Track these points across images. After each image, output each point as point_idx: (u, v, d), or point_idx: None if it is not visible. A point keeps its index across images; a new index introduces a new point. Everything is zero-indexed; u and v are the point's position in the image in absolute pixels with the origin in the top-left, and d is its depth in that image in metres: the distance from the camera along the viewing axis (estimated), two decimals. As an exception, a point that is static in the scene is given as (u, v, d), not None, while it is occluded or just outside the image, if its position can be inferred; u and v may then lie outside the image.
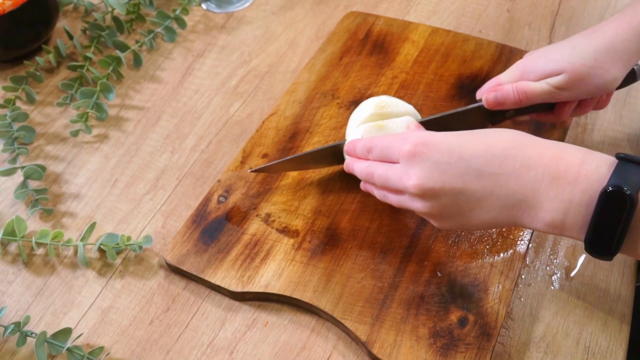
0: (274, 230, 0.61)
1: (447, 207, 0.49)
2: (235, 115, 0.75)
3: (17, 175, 0.70)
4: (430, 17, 0.84)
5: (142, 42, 0.82)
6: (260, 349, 0.56)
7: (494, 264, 0.57)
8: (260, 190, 0.64)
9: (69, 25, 0.87)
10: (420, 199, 0.50)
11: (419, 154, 0.49)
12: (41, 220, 0.67)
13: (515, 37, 0.80)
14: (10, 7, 0.75)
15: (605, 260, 0.46)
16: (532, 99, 0.59)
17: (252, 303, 0.59)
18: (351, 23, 0.81)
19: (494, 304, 0.55)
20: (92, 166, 0.71)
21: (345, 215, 0.62)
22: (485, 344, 0.53)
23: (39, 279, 0.62)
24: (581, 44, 0.57)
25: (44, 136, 0.75)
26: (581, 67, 0.56)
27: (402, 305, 0.55)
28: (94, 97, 0.75)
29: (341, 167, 0.65)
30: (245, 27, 0.85)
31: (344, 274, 0.58)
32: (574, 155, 0.45)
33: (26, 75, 0.79)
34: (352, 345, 0.56)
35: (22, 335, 0.56)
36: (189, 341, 0.57)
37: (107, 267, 0.62)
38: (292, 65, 0.79)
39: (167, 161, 0.71)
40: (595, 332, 0.55)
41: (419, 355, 0.52)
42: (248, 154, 0.68)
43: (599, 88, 0.57)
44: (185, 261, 0.60)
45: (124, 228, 0.65)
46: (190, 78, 0.80)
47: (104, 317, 0.59)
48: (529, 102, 0.59)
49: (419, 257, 0.58)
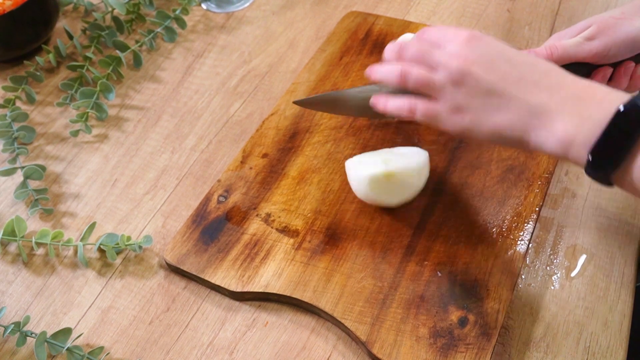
0: (274, 230, 0.61)
1: (476, 98, 0.51)
2: (235, 115, 0.75)
3: (17, 175, 0.70)
4: (430, 17, 0.84)
5: (142, 42, 0.82)
6: (260, 349, 0.56)
7: (494, 264, 0.57)
8: (260, 190, 0.64)
9: (69, 25, 0.87)
10: (455, 82, 0.52)
11: (476, 41, 0.52)
12: (41, 220, 0.67)
13: (515, 37, 0.80)
14: (10, 7, 0.75)
15: (602, 184, 0.47)
16: (562, 55, 0.60)
17: (252, 303, 0.59)
18: (351, 23, 0.81)
19: (494, 304, 0.55)
20: (92, 166, 0.71)
21: (345, 215, 0.62)
22: (486, 344, 0.53)
23: (39, 279, 0.62)
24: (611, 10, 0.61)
25: (44, 136, 0.75)
26: (609, 18, 0.59)
27: (402, 305, 0.55)
28: (94, 97, 0.75)
29: (342, 166, 0.65)
30: (245, 27, 0.85)
31: (344, 273, 0.58)
32: (604, 88, 0.48)
33: (26, 75, 0.79)
34: (352, 345, 0.56)
35: (22, 335, 0.56)
36: (189, 341, 0.57)
37: (107, 267, 0.62)
38: (292, 65, 0.79)
39: (167, 161, 0.71)
40: (595, 332, 0.55)
41: (419, 355, 0.52)
42: (248, 153, 0.68)
43: (625, 40, 0.59)
44: (185, 261, 0.60)
45: (124, 228, 0.65)
46: (190, 78, 0.80)
47: (104, 317, 0.59)
48: (560, 57, 0.60)
49: (419, 257, 0.58)
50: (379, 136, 0.68)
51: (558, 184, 0.65)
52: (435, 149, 0.66)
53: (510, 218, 0.60)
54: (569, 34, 0.61)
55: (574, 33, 0.61)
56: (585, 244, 0.61)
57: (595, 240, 0.61)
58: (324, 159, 0.67)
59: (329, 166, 0.66)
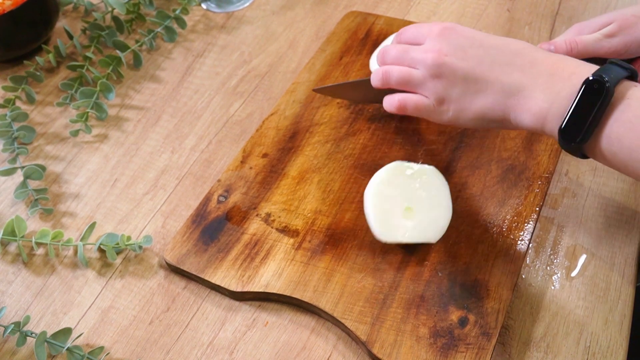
0: (274, 230, 0.61)
1: (455, 87, 0.54)
2: (235, 115, 0.75)
3: (17, 175, 0.70)
4: (430, 17, 0.84)
5: (142, 42, 0.82)
6: (260, 349, 0.56)
7: (494, 263, 0.57)
8: (260, 190, 0.64)
9: (69, 25, 0.87)
10: (433, 75, 0.55)
11: (448, 33, 0.55)
12: (41, 220, 0.67)
13: (515, 37, 0.80)
14: (10, 7, 0.75)
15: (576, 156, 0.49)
16: (582, 50, 0.60)
17: (252, 303, 0.59)
18: (351, 23, 0.81)
19: (494, 304, 0.55)
20: (92, 166, 0.71)
21: (345, 215, 0.62)
22: (486, 344, 0.53)
23: (39, 279, 0.62)
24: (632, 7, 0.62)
25: (44, 136, 0.75)
26: (631, 17, 0.60)
27: (402, 305, 0.55)
28: (94, 97, 0.75)
29: (342, 166, 0.65)
30: (245, 27, 0.85)
31: (344, 273, 0.58)
32: (574, 62, 0.50)
33: (26, 75, 0.79)
34: (352, 345, 0.56)
35: (22, 335, 0.56)
36: (189, 341, 0.57)
37: (107, 267, 0.62)
38: (292, 65, 0.79)
39: (167, 161, 0.71)
40: (595, 332, 0.55)
41: (419, 355, 0.52)
42: (248, 153, 0.68)
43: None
44: (185, 261, 0.60)
45: (124, 228, 0.65)
46: (190, 78, 0.80)
47: (104, 317, 0.59)
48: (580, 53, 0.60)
49: (419, 257, 0.58)
50: (379, 136, 0.68)
51: (558, 184, 0.65)
52: (435, 149, 0.66)
53: (511, 218, 0.60)
54: (590, 27, 0.62)
55: (595, 27, 0.61)
56: (585, 244, 0.60)
57: (595, 240, 0.61)
58: (324, 159, 0.67)
59: (329, 166, 0.66)
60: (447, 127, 0.68)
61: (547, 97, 0.49)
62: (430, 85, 0.56)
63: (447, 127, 0.68)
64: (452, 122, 0.56)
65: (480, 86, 0.53)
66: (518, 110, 0.51)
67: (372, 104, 0.70)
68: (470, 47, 0.54)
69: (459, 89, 0.54)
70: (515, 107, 0.51)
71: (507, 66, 0.52)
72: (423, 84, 0.56)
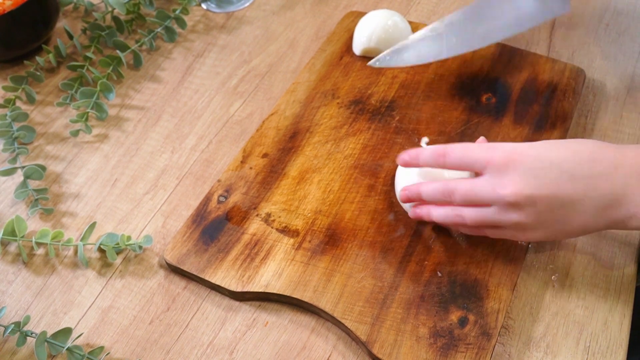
0: (274, 230, 0.61)
1: (543, 214, 0.50)
2: (235, 115, 0.75)
3: (17, 175, 0.70)
4: (430, 17, 0.84)
5: (142, 42, 0.82)
6: (260, 349, 0.56)
7: (494, 264, 0.57)
8: (260, 190, 0.64)
9: (69, 25, 0.87)
10: (515, 208, 0.50)
11: (512, 161, 0.49)
12: (41, 220, 0.67)
13: (515, 37, 0.80)
14: (10, 7, 0.75)
15: None
16: None
17: (252, 303, 0.59)
18: (351, 23, 0.81)
19: (494, 303, 0.55)
20: (92, 166, 0.71)
21: (345, 215, 0.62)
22: (486, 344, 0.53)
23: (39, 278, 0.62)
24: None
25: (44, 136, 0.75)
26: None
27: (402, 305, 0.55)
28: (94, 97, 0.75)
29: (342, 166, 0.65)
30: (245, 27, 0.85)
31: (344, 273, 0.58)
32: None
33: (26, 75, 0.79)
34: (352, 345, 0.56)
35: (22, 335, 0.56)
36: (189, 341, 0.57)
37: (107, 267, 0.62)
38: (292, 65, 0.79)
39: (167, 161, 0.71)
40: (595, 332, 0.55)
41: (419, 355, 0.52)
42: (248, 153, 0.68)
43: None
44: (185, 261, 0.60)
45: (124, 228, 0.65)
46: (190, 78, 0.80)
47: (104, 317, 0.59)
48: None
49: (419, 257, 0.58)
50: (379, 136, 0.68)
51: (558, 184, 0.65)
52: (435, 149, 0.66)
53: (510, 218, 0.60)
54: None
55: None
56: (585, 244, 0.60)
57: (595, 240, 0.61)
58: (324, 159, 0.67)
59: (329, 166, 0.66)
60: (447, 127, 0.68)
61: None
62: (515, 215, 0.51)
63: (447, 127, 0.68)
64: (547, 240, 0.54)
65: (570, 208, 0.49)
66: (623, 219, 0.49)
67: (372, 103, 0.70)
68: (541, 168, 0.49)
69: (547, 215, 0.50)
70: (619, 216, 0.49)
71: (588, 179, 0.48)
72: (500, 221, 0.52)
